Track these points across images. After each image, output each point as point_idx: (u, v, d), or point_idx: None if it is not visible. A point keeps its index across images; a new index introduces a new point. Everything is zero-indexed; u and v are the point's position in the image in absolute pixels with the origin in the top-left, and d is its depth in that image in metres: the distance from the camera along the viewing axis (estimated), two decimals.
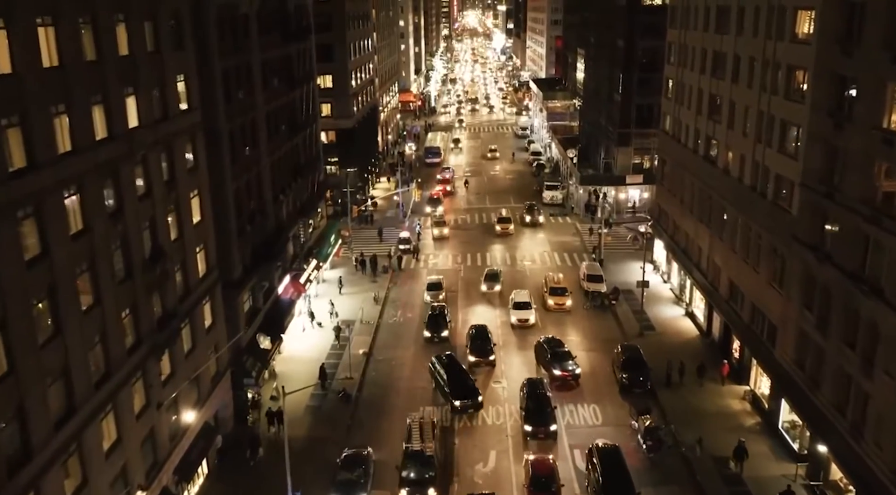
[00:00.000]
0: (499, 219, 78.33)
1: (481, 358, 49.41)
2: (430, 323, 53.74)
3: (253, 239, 45.58)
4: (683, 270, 57.99)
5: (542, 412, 41.49)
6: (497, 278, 62.20)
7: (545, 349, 48.39)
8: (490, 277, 62.33)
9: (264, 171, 47.91)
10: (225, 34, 41.05)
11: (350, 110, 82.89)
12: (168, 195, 33.27)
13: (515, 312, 55.57)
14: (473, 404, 43.77)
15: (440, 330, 53.31)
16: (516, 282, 63.38)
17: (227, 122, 40.90)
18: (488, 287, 61.41)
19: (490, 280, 62.03)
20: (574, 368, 46.76)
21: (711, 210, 51.22)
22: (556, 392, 45.08)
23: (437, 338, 53.03)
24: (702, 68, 53.47)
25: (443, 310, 55.37)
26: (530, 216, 79.40)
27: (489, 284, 61.53)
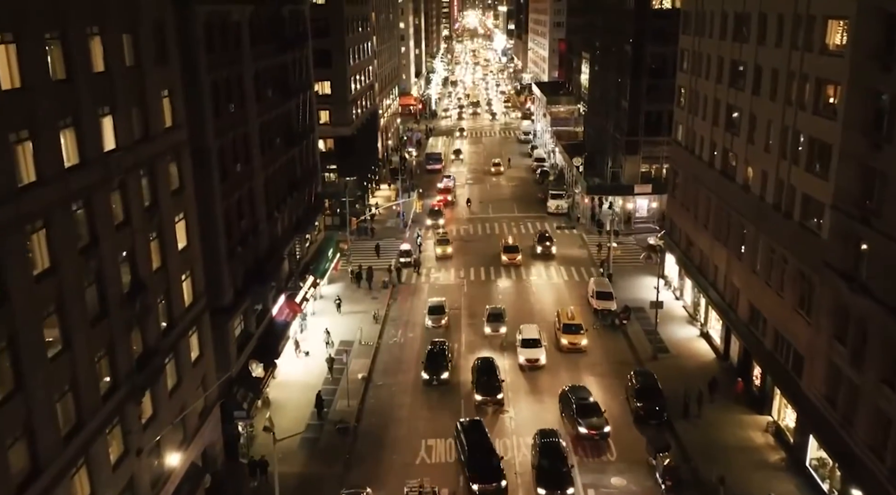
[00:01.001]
0: (505, 247, 70.35)
1: (488, 396, 44.73)
2: (429, 363, 47.82)
3: (245, 260, 42.97)
4: (697, 288, 55.37)
5: (558, 472, 36.58)
6: (502, 318, 55.03)
7: (570, 399, 42.42)
8: (494, 317, 55.04)
9: (257, 188, 45.29)
10: (214, 44, 38.44)
11: (349, 117, 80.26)
12: (149, 222, 30.64)
13: (524, 351, 49.86)
14: (496, 490, 36.77)
15: (440, 370, 47.46)
16: (522, 304, 60.61)
17: (216, 138, 38.28)
18: (493, 329, 54.25)
19: (494, 321, 54.77)
20: (603, 425, 41.12)
21: (729, 227, 48.59)
22: None
23: (437, 380, 47.33)
24: (718, 77, 50.83)
25: (442, 347, 49.38)
26: (542, 246, 71.52)
27: (493, 326, 54.40)
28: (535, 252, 71.41)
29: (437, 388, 47.57)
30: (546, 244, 71.63)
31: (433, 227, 79.81)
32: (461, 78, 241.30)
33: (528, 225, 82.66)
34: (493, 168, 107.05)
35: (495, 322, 54.74)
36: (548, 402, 45.65)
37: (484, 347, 52.85)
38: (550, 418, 43.71)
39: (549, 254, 70.77)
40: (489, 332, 54.23)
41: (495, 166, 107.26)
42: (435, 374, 47.50)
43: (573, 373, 49.02)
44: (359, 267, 66.69)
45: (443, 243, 72.71)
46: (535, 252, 71.41)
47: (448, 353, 49.10)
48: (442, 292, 63.42)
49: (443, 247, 72.07)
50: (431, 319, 56.26)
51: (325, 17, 76.64)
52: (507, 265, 68.76)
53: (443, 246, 72.34)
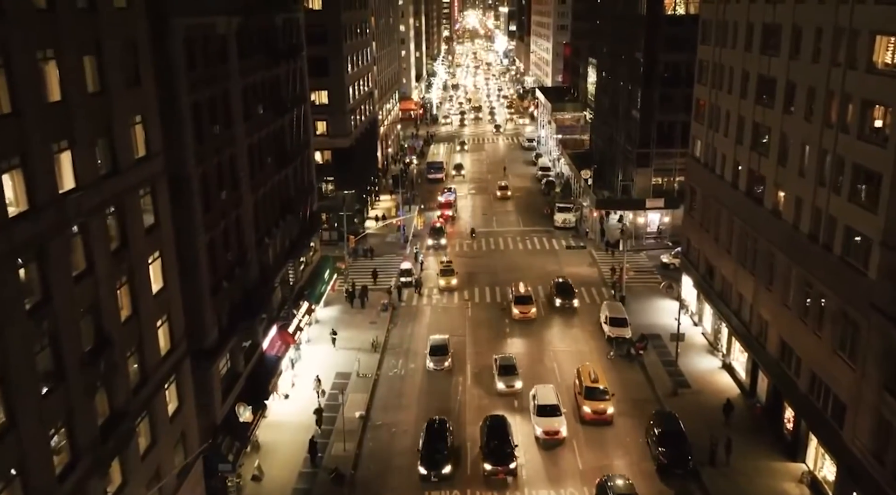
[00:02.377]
0: (516, 298, 58.87)
1: (499, 466, 38.46)
2: (426, 452, 39.23)
3: (231, 294, 39.40)
4: (719, 316, 51.79)
5: None
6: (515, 370, 48.10)
7: None
8: (506, 370, 48.04)
9: (246, 214, 41.71)
10: (196, 61, 34.85)
11: (347, 128, 76.68)
12: (118, 267, 27.07)
13: (541, 421, 41.91)
14: None
15: (440, 463, 38.72)
16: (529, 334, 56.95)
17: (198, 164, 34.70)
18: (506, 384, 47.28)
19: (507, 374, 47.81)
20: None
21: (756, 255, 45.00)
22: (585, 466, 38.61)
23: (436, 476, 38.62)
24: (742, 92, 47.24)
25: (443, 427, 40.85)
26: (562, 299, 59.85)
27: (506, 380, 47.43)
28: (553, 304, 60.35)
29: None
30: (566, 298, 59.92)
31: (435, 247, 75.76)
32: (462, 81, 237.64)
33: (534, 240, 79.07)
34: (500, 192, 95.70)
35: (508, 375, 47.77)
36: None
37: (491, 389, 49.11)
38: None
39: (571, 307, 59.56)
40: (503, 388, 47.15)
41: (501, 190, 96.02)
42: (433, 469, 38.66)
43: (599, 451, 41.54)
44: (352, 284, 63.28)
45: (447, 274, 66.19)
46: (553, 304, 60.35)
47: (449, 435, 40.71)
48: (444, 316, 59.89)
49: (447, 278, 65.72)
50: (434, 361, 50.47)
51: (322, 23, 73.07)
52: (519, 320, 57.87)
53: (447, 276, 65.92)
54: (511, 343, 54.88)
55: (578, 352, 53.09)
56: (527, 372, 49.64)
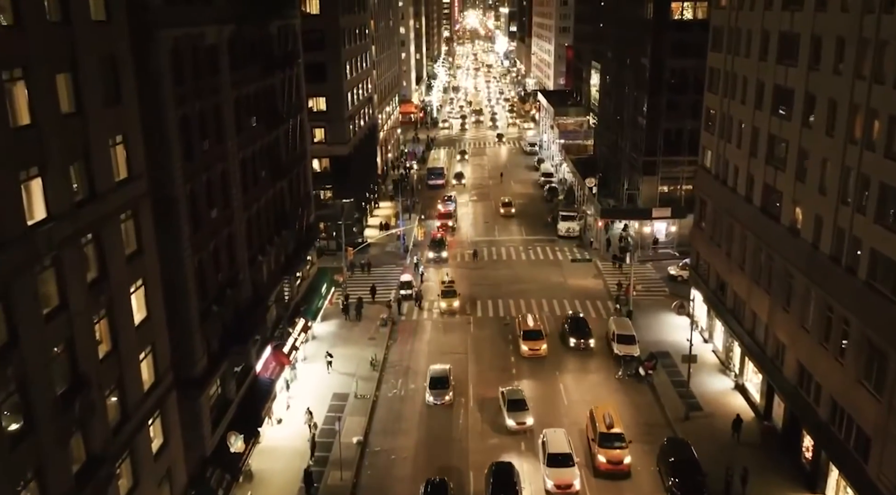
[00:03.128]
0: (525, 333, 53.59)
1: None
2: None
3: (223, 317, 37.44)
4: (731, 334, 49.87)
5: None
6: (524, 405, 44.38)
7: None
8: (515, 405, 44.27)
9: (238, 232, 39.77)
10: (184, 74, 32.91)
11: (345, 135, 74.75)
12: (95, 300, 25.14)
13: (553, 472, 38.12)
14: None
15: None
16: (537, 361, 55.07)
17: (186, 183, 32.76)
18: (516, 421, 43.64)
19: (515, 409, 44.04)
20: None
21: (772, 273, 43.07)
22: None
23: None
24: (757, 103, 45.30)
25: (444, 489, 37.18)
26: (577, 338, 54.02)
27: (516, 416, 43.78)
28: (568, 343, 54.23)
29: (440, 463, 42.05)
30: (582, 337, 53.76)
31: (436, 260, 73.35)
32: (463, 83, 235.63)
33: (537, 250, 77.08)
34: (503, 208, 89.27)
35: (518, 411, 44.04)
36: None
37: (497, 416, 47.15)
38: None
39: (587, 347, 53.74)
40: (512, 426, 43.53)
41: (505, 207, 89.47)
42: None
43: (608, 479, 39.35)
44: (346, 297, 61.42)
45: (448, 295, 62.03)
46: (568, 343, 54.23)
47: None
48: (446, 332, 57.96)
49: (448, 301, 61.51)
50: (433, 394, 46.55)
51: (320, 28, 71.14)
52: (528, 357, 52.76)
53: (448, 299, 61.73)
54: (517, 370, 52.61)
55: (586, 376, 51.11)
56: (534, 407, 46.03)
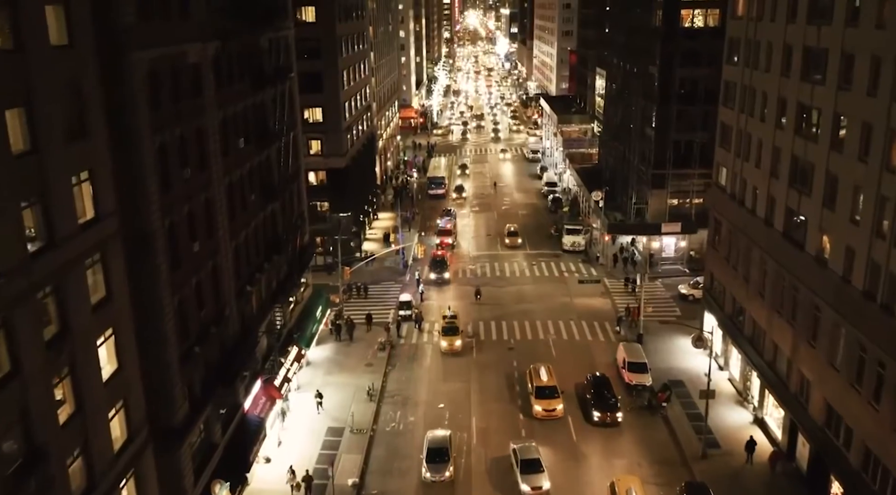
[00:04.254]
0: (537, 389, 46.98)
1: None
2: None
3: (207, 357, 34.72)
4: (749, 364, 47.14)
5: None
6: (540, 465, 39.81)
7: None
8: (528, 465, 39.72)
9: (224, 263, 37.04)
10: (162, 98, 30.20)
11: (343, 147, 72.00)
12: (55, 360, 22.44)
13: None
14: None
15: None
16: None
17: (164, 216, 30.03)
18: (531, 486, 38.96)
19: (530, 471, 39.46)
20: None
21: (796, 305, 40.32)
22: None
23: None
24: (778, 121, 42.56)
25: None
26: (601, 411, 45.46)
27: (530, 480, 39.12)
28: (592, 419, 45.64)
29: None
30: (608, 410, 45.39)
31: (437, 281, 69.73)
32: (463, 86, 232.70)
33: (541, 265, 74.28)
34: (509, 239, 79.59)
35: (533, 472, 39.36)
36: None
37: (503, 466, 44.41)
38: None
39: (615, 422, 45.37)
40: (527, 491, 38.84)
41: (511, 237, 79.84)
42: None
43: None
44: (336, 316, 58.93)
45: (450, 333, 55.69)
46: (592, 419, 45.64)
47: None
48: (446, 357, 55.15)
49: (450, 340, 55.20)
50: (431, 469, 40.11)
51: (316, 37, 68.41)
52: (542, 418, 46.18)
53: (450, 337, 55.34)
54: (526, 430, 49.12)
55: None
56: None
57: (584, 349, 56.03)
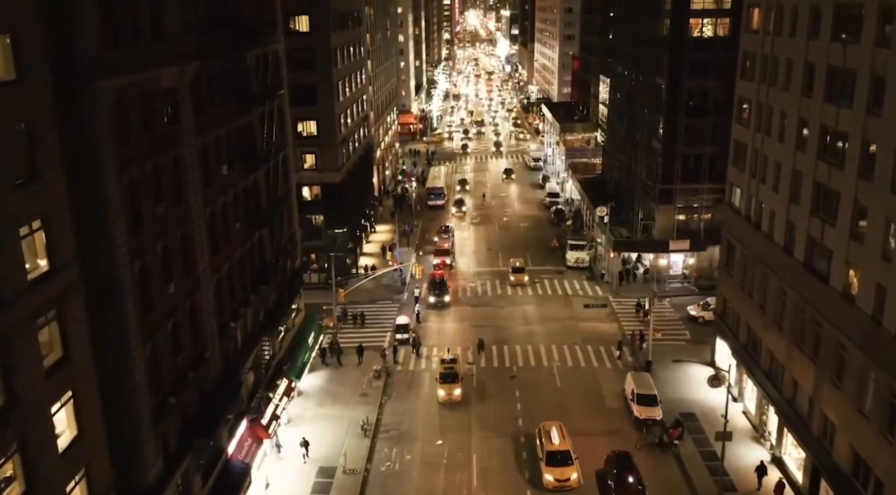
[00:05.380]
0: (548, 456, 41.31)
1: None
2: None
3: (184, 406, 32.07)
4: (766, 398, 44.46)
5: None
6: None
7: None
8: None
9: (204, 301, 34.40)
10: (131, 129, 27.57)
11: (338, 161, 69.37)
12: (0, 437, 19.81)
13: None
14: None
15: None
16: (545, 403, 49.63)
17: (133, 259, 27.38)
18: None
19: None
20: None
21: (818, 341, 37.64)
22: None
23: None
24: (799, 144, 39.87)
25: None
26: (620, 489, 39.45)
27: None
28: (610, 490, 40.01)
29: None
30: (627, 481, 39.53)
31: (437, 305, 66.35)
32: (463, 89, 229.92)
33: (545, 283, 71.53)
34: (514, 275, 70.83)
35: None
36: None
37: None
38: None
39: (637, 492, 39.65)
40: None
41: (517, 274, 70.93)
42: None
43: None
44: (327, 341, 56.46)
45: (448, 380, 49.84)
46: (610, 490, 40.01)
47: None
48: None
49: (448, 388, 49.44)
50: None
51: (310, 47, 65.85)
52: (553, 489, 40.77)
53: (448, 385, 49.57)
54: None
55: (603, 442, 45.70)
56: None
57: (590, 377, 53.35)
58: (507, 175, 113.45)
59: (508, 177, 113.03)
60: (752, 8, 46.75)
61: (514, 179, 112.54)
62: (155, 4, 29.53)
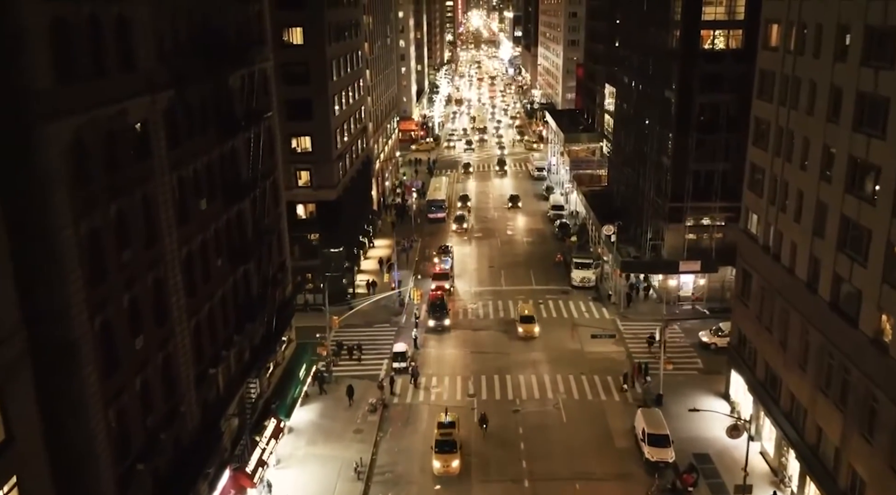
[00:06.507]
0: None
1: None
2: None
3: (155, 468, 29.30)
4: (785, 439, 41.62)
5: None
6: None
7: None
8: None
9: (179, 350, 31.65)
10: (90, 171, 24.82)
11: (334, 178, 66.57)
12: None
13: None
14: None
15: None
16: (548, 444, 46.84)
17: (93, 317, 24.63)
18: None
19: None
20: None
21: (846, 388, 34.79)
22: None
23: None
24: (823, 173, 37.02)
25: None
26: None
27: None
28: None
29: None
30: None
31: (437, 329, 63.31)
32: (466, 93, 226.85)
33: (549, 304, 68.62)
34: (524, 326, 61.70)
35: None
36: None
37: None
38: None
39: None
40: None
41: (525, 323, 61.83)
42: None
43: None
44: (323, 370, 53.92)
45: (445, 450, 43.77)
46: None
47: None
48: None
49: (444, 459, 43.31)
50: None
51: (304, 60, 63.07)
52: None
53: (445, 455, 43.47)
54: None
55: (609, 488, 42.91)
56: None
57: (597, 412, 50.51)
58: (512, 203, 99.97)
59: (514, 205, 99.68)
60: (771, 24, 43.89)
61: (521, 207, 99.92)
62: (122, 32, 26.79)
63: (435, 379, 55.57)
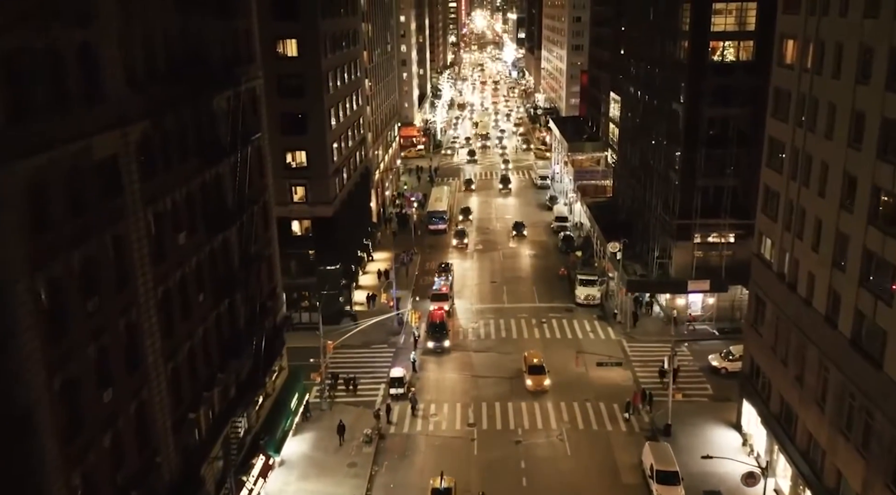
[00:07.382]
0: None
1: None
2: None
3: None
4: (801, 478, 39.38)
5: None
6: None
7: None
8: None
9: (154, 398, 29.53)
10: (52, 215, 22.73)
11: (330, 194, 64.47)
12: None
13: None
14: None
15: None
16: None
17: (53, 375, 22.54)
18: None
19: None
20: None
21: (869, 433, 32.56)
22: None
23: None
24: (844, 202, 34.77)
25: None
26: None
27: None
28: None
29: None
30: None
31: (436, 350, 61.06)
32: (468, 97, 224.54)
33: (552, 323, 66.45)
34: (532, 378, 54.71)
35: None
36: None
37: None
38: None
39: None
40: None
41: (534, 375, 54.84)
42: None
43: None
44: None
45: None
46: None
47: None
48: (444, 454, 47.45)
49: None
50: None
51: (299, 73, 60.94)
52: None
53: None
54: None
55: None
56: None
57: (603, 443, 48.29)
58: (517, 231, 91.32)
59: (520, 233, 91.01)
60: (786, 39, 41.64)
61: (527, 236, 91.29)
62: (87, 62, 24.69)
63: (434, 407, 53.38)
